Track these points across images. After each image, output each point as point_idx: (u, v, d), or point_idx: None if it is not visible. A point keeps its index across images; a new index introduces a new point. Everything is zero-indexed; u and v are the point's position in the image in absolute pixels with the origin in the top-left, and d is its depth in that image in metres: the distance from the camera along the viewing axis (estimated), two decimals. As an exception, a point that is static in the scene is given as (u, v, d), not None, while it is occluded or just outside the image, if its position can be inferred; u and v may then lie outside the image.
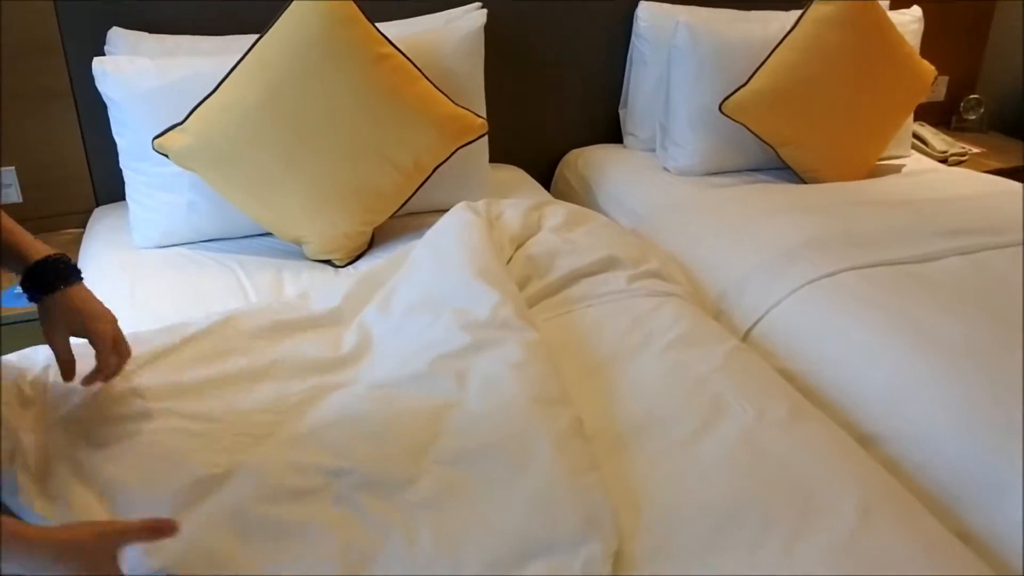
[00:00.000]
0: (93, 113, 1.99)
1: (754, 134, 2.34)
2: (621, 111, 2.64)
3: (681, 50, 2.35)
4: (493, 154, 2.19)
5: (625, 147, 2.64)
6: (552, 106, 2.58)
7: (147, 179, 1.88)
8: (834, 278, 1.80)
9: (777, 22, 2.41)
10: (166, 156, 1.77)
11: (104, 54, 1.95)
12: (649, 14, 2.48)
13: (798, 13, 2.35)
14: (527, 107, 2.53)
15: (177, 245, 1.90)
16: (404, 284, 1.60)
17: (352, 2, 1.80)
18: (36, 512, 1.05)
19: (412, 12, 2.18)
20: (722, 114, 2.30)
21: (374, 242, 1.93)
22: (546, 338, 1.46)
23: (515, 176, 2.42)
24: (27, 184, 2.06)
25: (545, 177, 2.63)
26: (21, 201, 2.06)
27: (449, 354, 1.38)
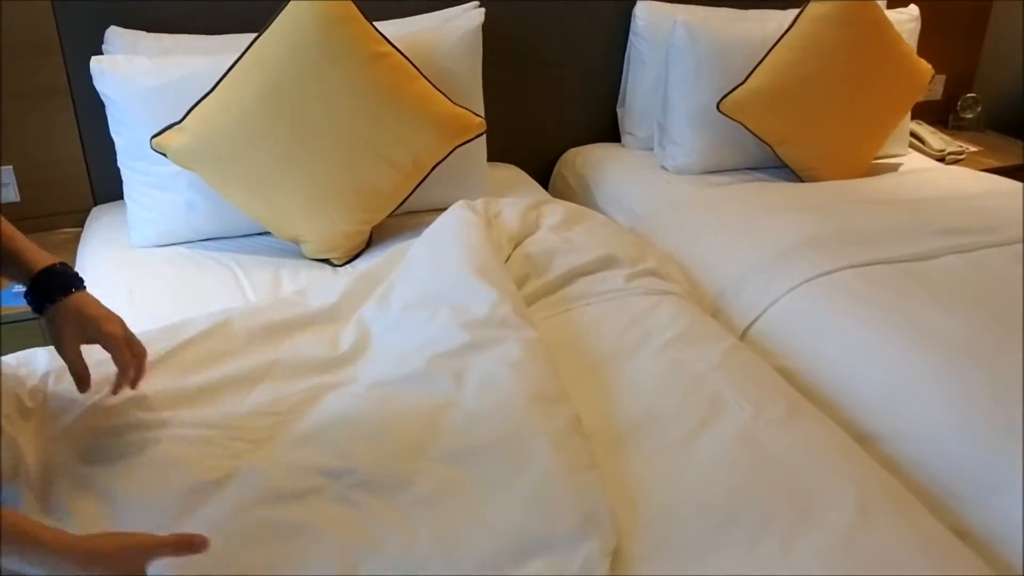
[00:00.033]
0: (91, 112, 1.99)
1: (752, 133, 2.34)
2: (619, 110, 2.64)
3: (679, 49, 2.35)
4: (491, 153, 2.19)
5: (623, 146, 2.64)
6: (550, 105, 2.58)
7: (145, 178, 1.88)
8: (832, 276, 1.80)
9: (775, 21, 2.41)
10: (164, 155, 1.77)
11: (102, 53, 1.95)
12: (647, 13, 2.48)
13: (795, 12, 2.35)
14: (525, 106, 2.53)
15: (175, 244, 1.90)
16: (402, 281, 1.60)
17: (350, 1, 1.80)
18: None
19: (410, 11, 2.17)
20: (720, 113, 2.31)
21: (372, 241, 1.93)
22: (544, 337, 1.46)
23: (513, 175, 2.42)
24: (25, 183, 2.06)
25: (543, 176, 2.63)
26: (19, 200, 2.06)
27: (447, 353, 1.38)
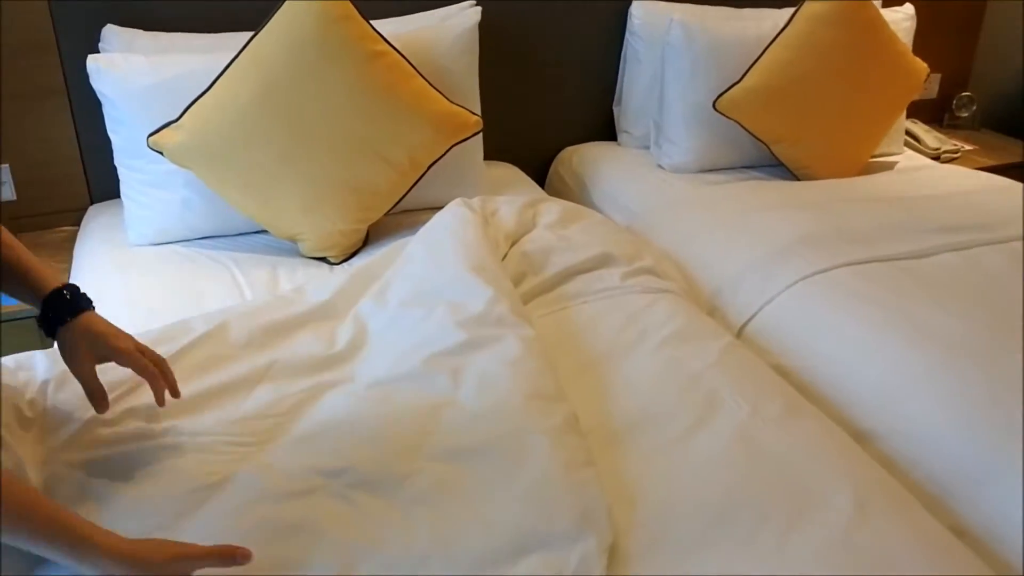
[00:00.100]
0: (87, 110, 1.99)
1: (748, 131, 2.34)
2: (615, 108, 2.65)
3: (675, 47, 2.35)
4: (487, 151, 2.19)
5: (619, 144, 2.64)
6: (547, 104, 2.58)
7: (142, 176, 1.88)
8: (828, 274, 1.81)
9: (770, 20, 2.41)
10: (161, 153, 1.77)
11: (99, 51, 1.94)
12: (643, 12, 2.48)
13: (791, 11, 2.35)
14: (522, 105, 2.53)
15: (172, 243, 1.90)
16: (399, 277, 1.60)
17: (347, 0, 1.80)
18: None
19: (407, 10, 2.17)
20: (716, 111, 2.31)
21: (369, 239, 1.93)
22: (541, 335, 1.46)
23: (510, 173, 2.43)
24: (21, 182, 2.06)
25: (540, 174, 2.63)
26: (15, 199, 2.06)
27: (444, 351, 1.38)
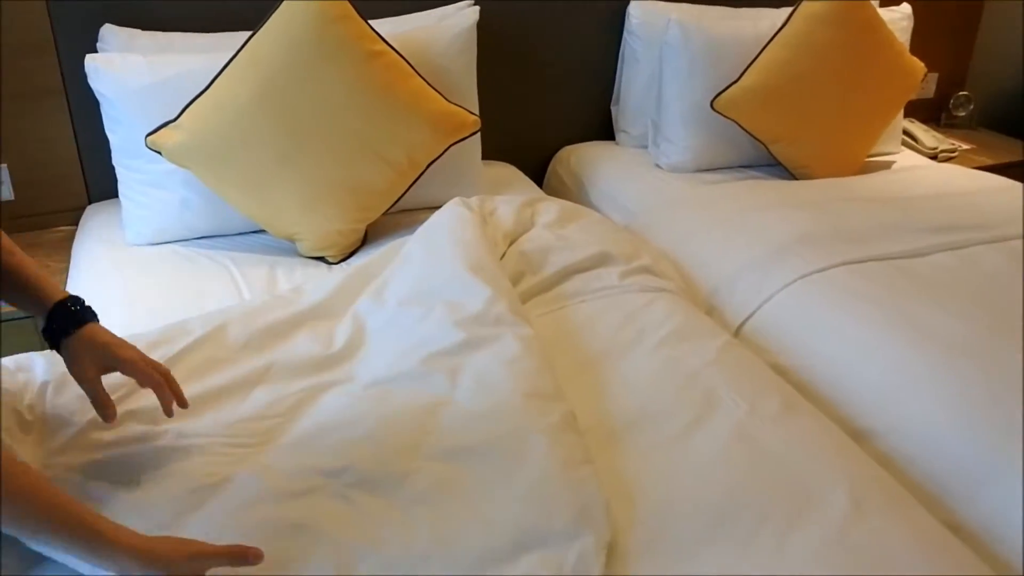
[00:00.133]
0: (85, 110, 1.99)
1: (745, 131, 2.34)
2: (613, 108, 2.65)
3: (673, 47, 2.35)
4: (486, 151, 2.19)
5: (617, 144, 2.64)
6: (545, 103, 2.58)
7: (140, 176, 1.88)
8: (825, 273, 1.81)
9: (768, 19, 2.41)
10: (159, 153, 1.77)
11: (97, 51, 1.94)
12: (641, 11, 2.48)
13: (789, 10, 2.35)
14: (520, 104, 2.53)
15: (170, 242, 1.90)
16: (397, 277, 1.60)
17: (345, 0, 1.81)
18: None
19: (405, 9, 2.17)
20: (714, 111, 2.31)
21: (367, 239, 1.94)
22: (539, 334, 1.46)
23: (508, 173, 2.43)
24: (19, 182, 2.05)
25: (538, 174, 2.63)
26: (13, 199, 2.06)
27: (442, 351, 1.39)
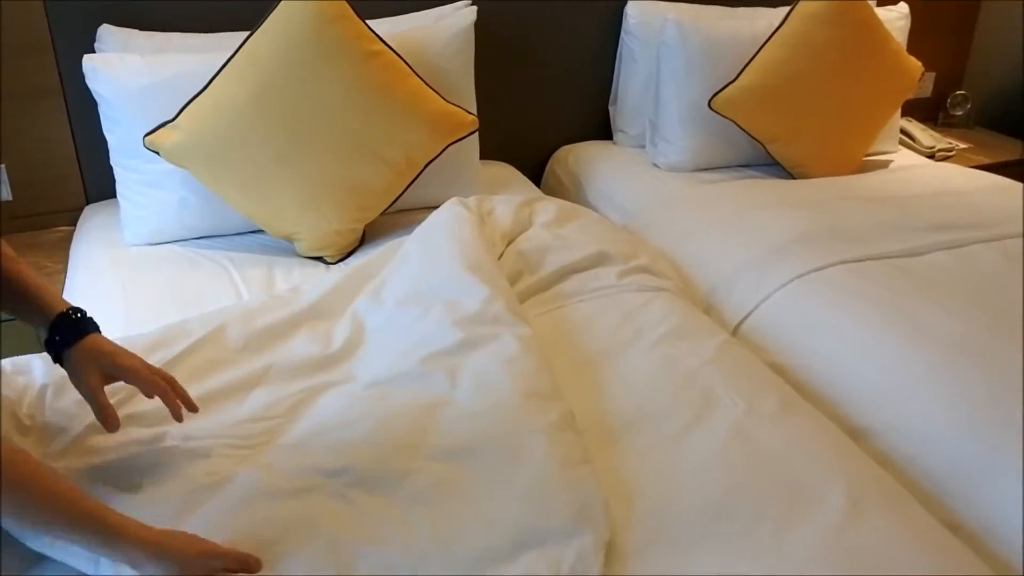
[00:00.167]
0: (83, 110, 1.99)
1: (743, 130, 2.35)
2: (611, 108, 2.65)
3: (670, 47, 2.36)
4: (483, 151, 2.19)
5: (615, 143, 2.64)
6: (542, 103, 2.58)
7: (138, 176, 1.88)
8: (823, 272, 1.81)
9: (765, 19, 2.41)
10: (157, 153, 1.77)
11: (94, 51, 1.94)
12: (639, 11, 2.49)
13: (786, 10, 2.35)
14: (517, 104, 2.53)
15: (168, 242, 1.90)
16: (395, 276, 1.60)
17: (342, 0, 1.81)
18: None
19: (402, 9, 2.18)
20: (711, 110, 2.31)
21: (365, 239, 1.94)
22: (538, 333, 1.46)
23: (506, 172, 2.43)
24: (17, 182, 2.05)
25: (535, 174, 2.63)
26: (11, 199, 2.06)
27: (441, 351, 1.39)
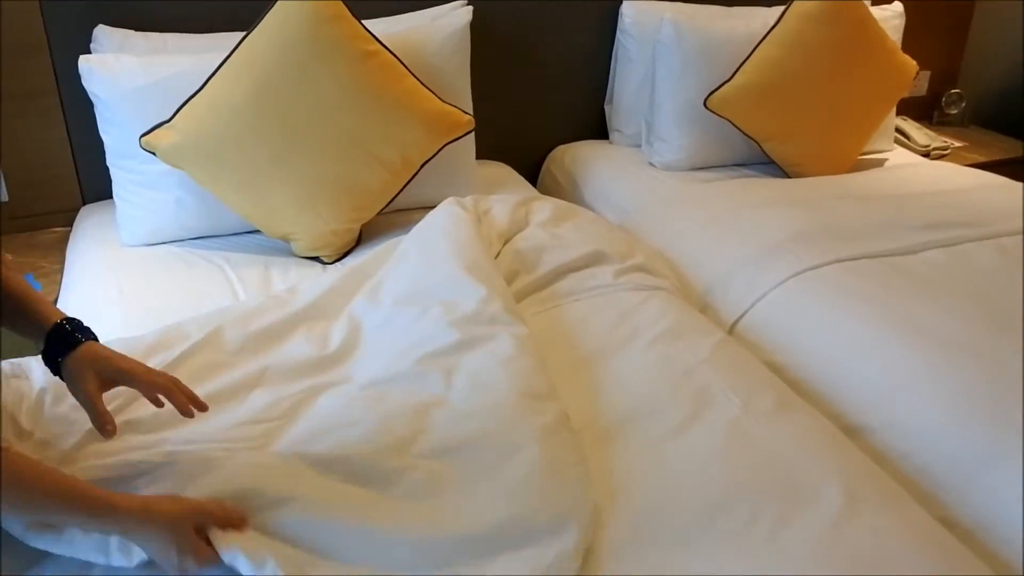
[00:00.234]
0: (79, 111, 1.99)
1: (739, 129, 2.35)
2: (607, 107, 2.65)
3: (666, 46, 2.36)
4: (480, 151, 2.19)
5: (611, 143, 2.65)
6: (538, 103, 2.58)
7: (134, 177, 1.88)
8: (819, 271, 1.82)
9: (760, 18, 2.42)
10: (153, 154, 1.77)
11: (90, 52, 1.94)
12: (634, 11, 2.49)
13: (781, 9, 2.36)
14: (513, 104, 2.53)
15: (165, 243, 1.90)
16: (392, 276, 1.60)
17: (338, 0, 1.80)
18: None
19: (398, 9, 2.18)
20: (707, 109, 2.32)
21: (362, 239, 1.94)
22: (534, 332, 1.46)
23: (502, 172, 2.43)
24: (13, 183, 2.05)
25: (532, 173, 2.63)
26: (7, 200, 2.06)
27: (437, 351, 1.39)
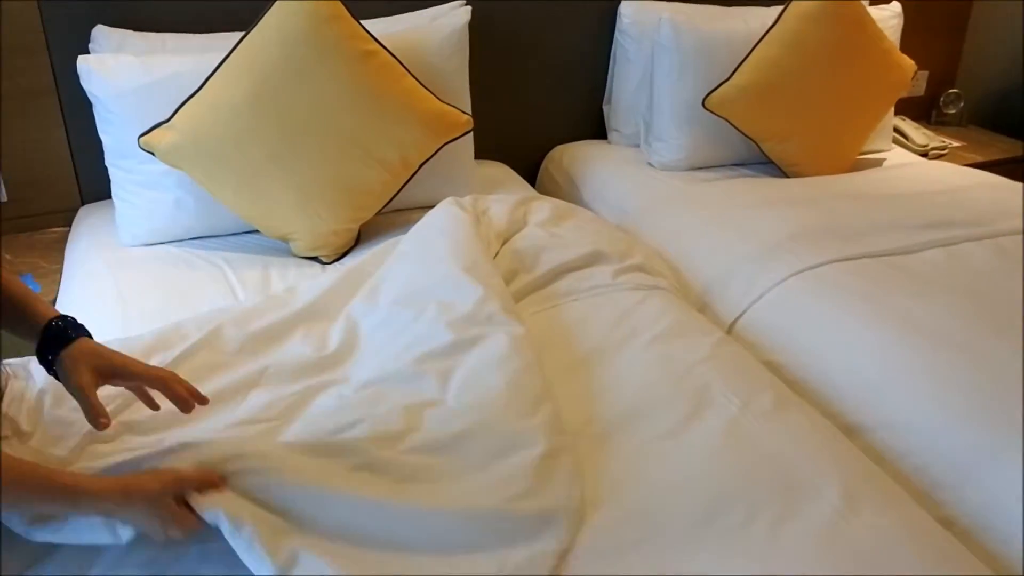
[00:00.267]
0: (78, 111, 1.99)
1: (737, 129, 2.35)
2: (605, 107, 2.66)
3: (664, 46, 2.36)
4: (478, 150, 2.19)
5: (609, 143, 2.65)
6: (537, 103, 2.58)
7: (133, 177, 1.87)
8: (817, 270, 1.82)
9: (759, 18, 2.42)
10: (152, 154, 1.77)
11: (89, 52, 1.94)
12: (632, 11, 2.49)
13: (779, 9, 2.36)
14: (512, 104, 2.53)
15: (164, 243, 1.90)
16: (390, 276, 1.60)
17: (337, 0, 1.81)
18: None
19: (397, 9, 2.18)
20: (705, 109, 2.32)
21: (361, 239, 1.94)
22: (532, 332, 1.46)
23: (500, 172, 2.43)
24: (12, 183, 2.05)
25: (530, 173, 2.64)
26: (6, 200, 2.06)
27: (434, 351, 1.38)
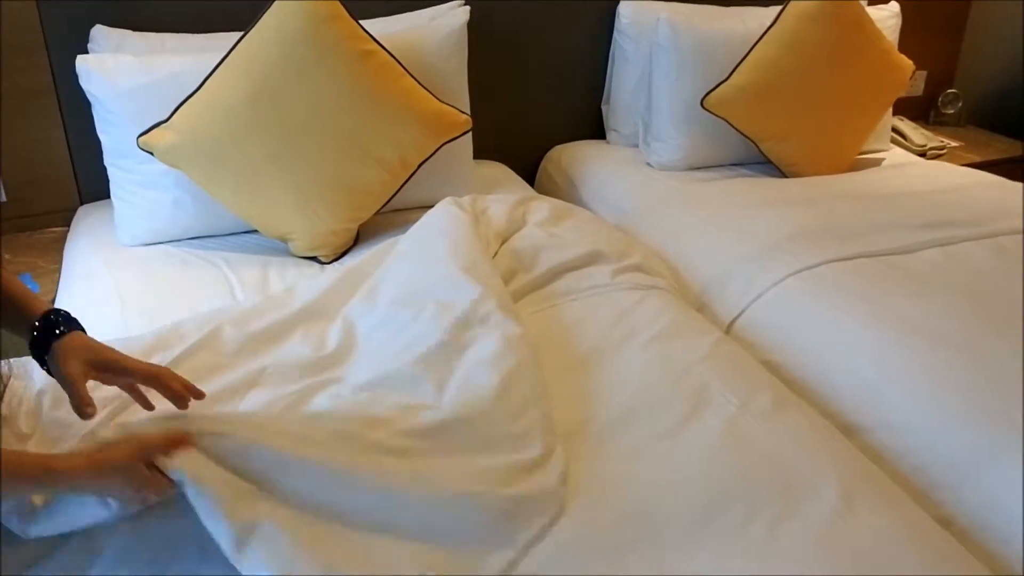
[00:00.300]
0: (77, 111, 1.99)
1: (736, 129, 2.35)
2: (604, 107, 2.66)
3: (663, 46, 2.36)
4: (477, 151, 2.19)
5: (608, 143, 2.65)
6: (535, 103, 2.59)
7: (132, 177, 1.87)
8: (816, 270, 1.82)
9: (757, 18, 2.42)
10: (151, 154, 1.77)
11: (88, 52, 1.95)
12: (631, 11, 2.49)
13: (778, 9, 2.36)
14: (511, 104, 2.54)
15: (163, 243, 1.90)
16: (388, 277, 1.60)
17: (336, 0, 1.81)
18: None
19: (395, 9, 2.18)
20: (704, 109, 2.32)
21: (359, 239, 1.94)
22: (531, 332, 1.46)
23: (499, 172, 2.43)
24: (11, 183, 2.05)
25: (529, 173, 2.64)
26: (5, 200, 2.06)
27: (431, 352, 1.38)
